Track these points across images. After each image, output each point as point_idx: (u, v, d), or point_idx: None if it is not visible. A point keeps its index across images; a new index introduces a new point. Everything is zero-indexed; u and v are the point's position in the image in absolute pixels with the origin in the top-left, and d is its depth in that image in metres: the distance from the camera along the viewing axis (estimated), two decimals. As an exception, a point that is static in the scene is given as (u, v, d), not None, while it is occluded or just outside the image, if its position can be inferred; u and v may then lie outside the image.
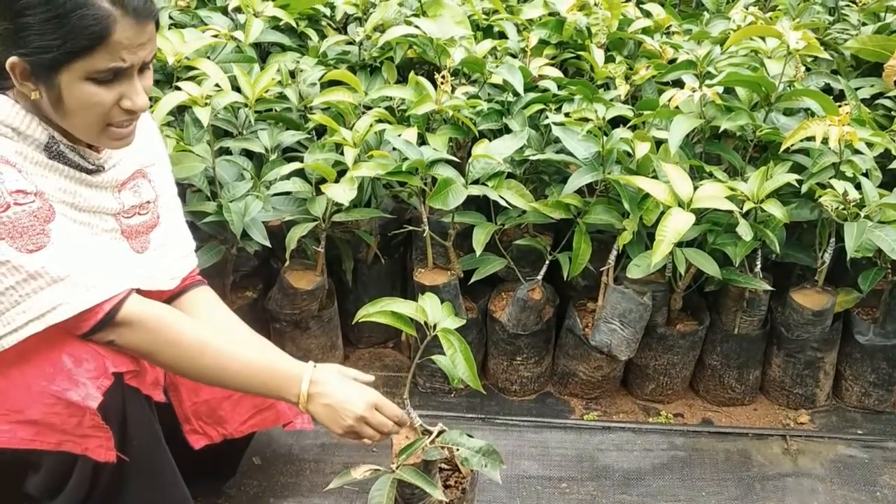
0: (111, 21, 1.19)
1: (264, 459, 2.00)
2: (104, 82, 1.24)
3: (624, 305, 2.04)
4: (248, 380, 1.43)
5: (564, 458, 2.05)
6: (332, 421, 1.45)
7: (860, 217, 1.90)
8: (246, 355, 1.43)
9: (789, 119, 2.14)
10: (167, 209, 1.54)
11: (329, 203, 2.01)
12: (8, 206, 1.22)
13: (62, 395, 1.28)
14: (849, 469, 2.05)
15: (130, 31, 1.22)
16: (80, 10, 1.18)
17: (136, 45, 1.23)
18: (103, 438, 1.32)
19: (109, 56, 1.21)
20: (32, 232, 1.24)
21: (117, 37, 1.20)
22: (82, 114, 1.26)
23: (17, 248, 1.22)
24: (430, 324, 1.58)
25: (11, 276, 1.23)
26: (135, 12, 1.22)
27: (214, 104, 1.97)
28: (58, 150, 1.31)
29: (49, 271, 1.24)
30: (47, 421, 1.29)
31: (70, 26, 1.18)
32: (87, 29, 1.18)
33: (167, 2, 2.58)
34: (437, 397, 2.25)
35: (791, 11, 2.70)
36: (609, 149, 1.99)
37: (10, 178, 1.23)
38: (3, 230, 1.21)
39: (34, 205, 1.25)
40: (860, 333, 2.16)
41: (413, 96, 2.13)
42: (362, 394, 1.47)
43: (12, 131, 1.27)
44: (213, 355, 1.39)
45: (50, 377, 1.29)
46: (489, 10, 2.65)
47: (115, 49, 1.21)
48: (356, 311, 1.63)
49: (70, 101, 1.24)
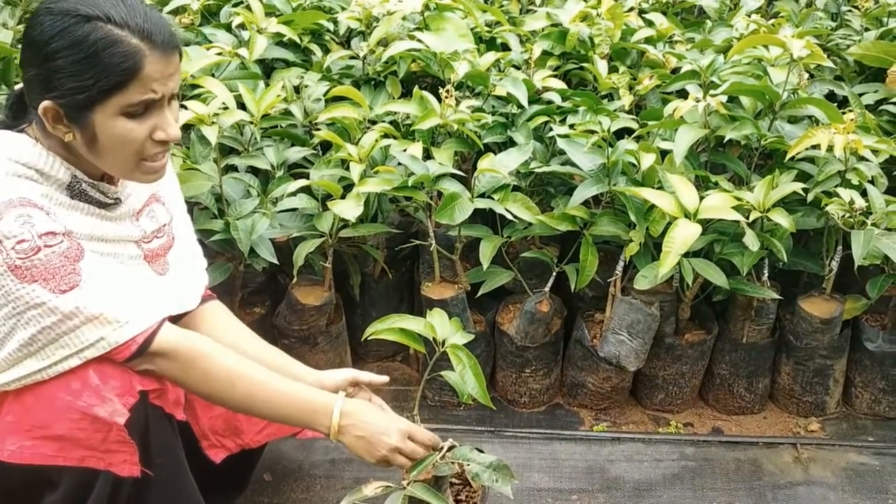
0: (141, 56, 1.22)
1: (275, 475, 2.00)
2: (136, 116, 1.26)
3: (632, 316, 2.04)
4: (278, 410, 1.46)
5: (575, 469, 2.05)
6: (366, 452, 1.48)
7: (867, 225, 1.90)
8: (276, 389, 1.45)
9: (794, 127, 2.15)
10: (180, 229, 1.57)
11: (336, 219, 2.01)
12: (39, 248, 1.24)
13: (89, 410, 1.29)
14: (860, 477, 2.04)
15: (159, 63, 1.24)
16: (110, 49, 1.20)
17: (165, 76, 1.26)
18: (128, 453, 1.33)
19: (142, 89, 1.24)
20: (64, 272, 1.26)
21: (147, 70, 1.23)
22: (117, 150, 1.28)
23: (51, 289, 1.24)
24: (438, 340, 1.59)
25: (48, 317, 1.26)
26: (162, 45, 1.24)
27: (221, 122, 1.97)
28: (80, 188, 1.33)
29: (83, 310, 1.27)
30: (72, 436, 1.30)
31: (102, 65, 1.20)
32: (118, 66, 1.21)
33: (171, 20, 2.59)
34: (446, 411, 2.25)
35: (793, 18, 2.71)
36: (614, 160, 2.00)
37: (39, 221, 1.25)
38: (36, 272, 1.24)
39: (63, 245, 1.27)
40: (869, 340, 2.16)
41: (418, 111, 2.13)
42: (395, 424, 1.50)
43: (37, 173, 1.28)
44: (243, 387, 1.42)
45: (77, 393, 1.30)
46: (492, 22, 2.66)
47: (146, 82, 1.24)
48: (364, 325, 1.64)
49: (104, 138, 1.26)
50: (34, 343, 1.27)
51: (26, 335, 1.26)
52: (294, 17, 2.54)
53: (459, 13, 2.53)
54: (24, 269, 1.23)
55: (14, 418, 1.31)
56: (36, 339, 1.27)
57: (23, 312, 1.25)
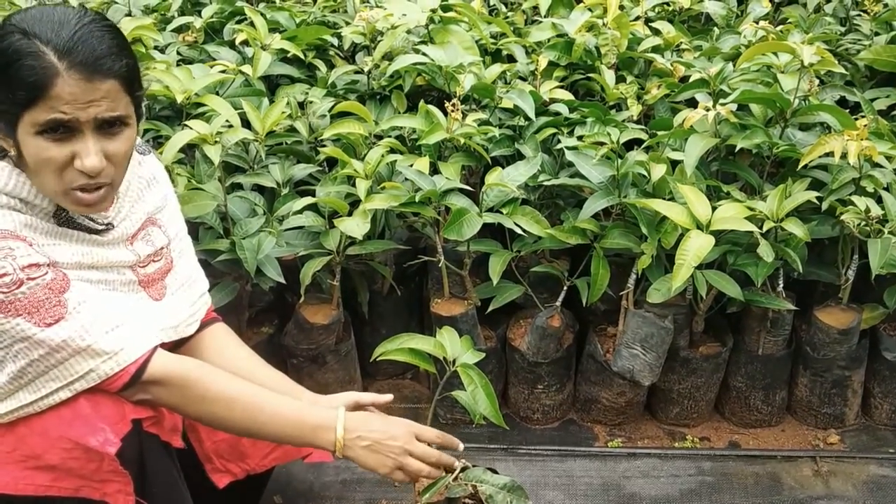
0: (51, 73, 1.16)
1: (285, 498, 1.97)
2: (56, 139, 1.20)
3: (645, 330, 2.01)
4: (280, 430, 1.42)
5: (590, 487, 2.02)
6: (377, 461, 1.42)
7: (884, 233, 1.87)
8: (276, 407, 1.42)
9: (806, 134, 2.12)
10: (179, 252, 1.53)
11: (343, 236, 1.99)
12: (21, 282, 1.21)
13: (81, 439, 1.27)
14: (882, 489, 2.00)
15: (75, 86, 1.18)
16: (19, 62, 1.16)
17: (82, 101, 1.19)
18: (122, 483, 1.31)
19: (49, 109, 1.18)
20: (49, 304, 1.23)
21: (58, 90, 1.17)
22: (41, 172, 1.23)
23: (35, 322, 1.22)
24: (449, 359, 1.56)
25: (35, 350, 1.24)
26: (82, 66, 1.18)
27: (224, 141, 1.96)
28: (66, 216, 1.30)
29: (70, 343, 1.25)
30: (66, 466, 1.28)
31: (9, 78, 1.17)
32: (24, 80, 1.16)
33: (175, 38, 2.58)
34: (458, 429, 2.22)
35: (802, 24, 2.68)
36: (624, 172, 1.97)
37: (21, 254, 1.22)
38: (20, 306, 1.21)
39: (48, 277, 1.24)
40: (888, 350, 2.12)
41: (424, 125, 2.11)
42: (399, 425, 1.45)
43: (20, 202, 1.26)
44: (241, 408, 1.39)
45: (68, 422, 1.28)
46: (497, 33, 2.64)
47: (55, 102, 1.18)
48: (373, 342, 1.61)
49: (28, 157, 1.22)
50: (24, 376, 1.25)
51: (16, 368, 1.24)
52: (298, 32, 2.52)
53: (464, 25, 2.51)
54: (7, 303, 1.20)
55: (7, 448, 1.29)
56: (26, 371, 1.25)
57: (10, 346, 1.23)
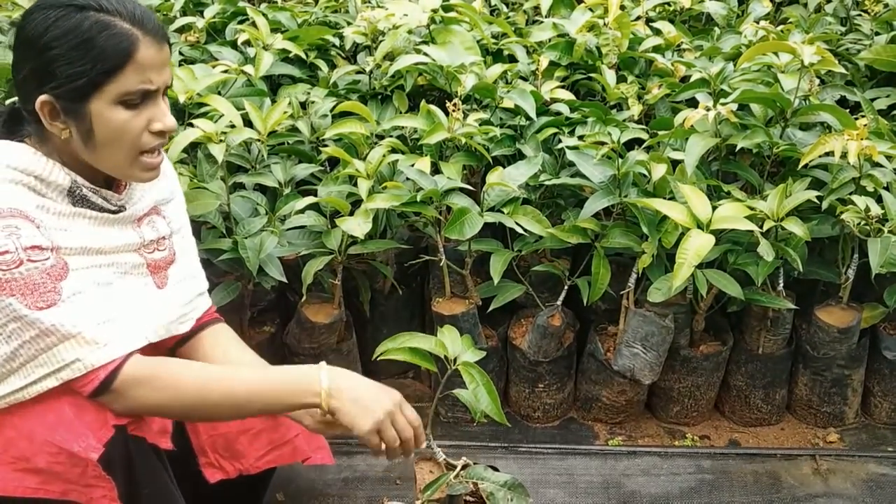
0: (135, 38, 1.23)
1: (288, 496, 1.98)
2: (133, 106, 1.27)
3: (646, 329, 2.01)
4: (263, 398, 1.38)
5: (590, 485, 2.02)
6: (361, 416, 1.37)
7: (883, 232, 1.87)
8: (251, 377, 1.40)
9: (806, 134, 2.12)
10: (183, 247, 1.54)
11: (345, 236, 2.00)
12: (21, 262, 1.22)
13: (64, 444, 1.26)
14: (881, 488, 2.01)
15: (152, 49, 1.25)
16: (105, 32, 1.22)
17: (158, 64, 1.27)
18: (106, 489, 1.30)
19: (138, 76, 1.24)
20: (43, 289, 1.24)
21: (142, 54, 1.24)
22: (114, 143, 1.27)
23: (27, 304, 1.22)
24: (450, 358, 1.57)
25: (27, 331, 1.24)
26: (153, 32, 1.26)
27: (229, 141, 1.96)
28: (81, 194, 1.32)
29: (59, 328, 1.24)
30: (52, 470, 1.27)
31: (98, 48, 1.21)
32: (115, 47, 1.22)
33: (177, 38, 2.59)
34: (459, 427, 2.23)
35: (802, 24, 2.68)
36: (625, 171, 1.98)
37: (26, 234, 1.23)
38: (15, 286, 1.22)
39: (48, 262, 1.25)
40: (888, 349, 2.12)
41: (425, 125, 2.12)
42: (388, 391, 1.43)
43: (35, 179, 1.27)
44: (217, 389, 1.36)
45: (52, 427, 1.28)
46: (498, 33, 2.65)
47: (141, 69, 1.24)
48: (375, 341, 1.61)
49: (101, 130, 1.26)
50: (16, 358, 1.25)
51: (9, 349, 1.24)
52: (299, 32, 2.53)
53: (465, 26, 2.52)
54: (4, 281, 1.21)
55: None
56: (18, 353, 1.25)
57: (4, 325, 1.23)
